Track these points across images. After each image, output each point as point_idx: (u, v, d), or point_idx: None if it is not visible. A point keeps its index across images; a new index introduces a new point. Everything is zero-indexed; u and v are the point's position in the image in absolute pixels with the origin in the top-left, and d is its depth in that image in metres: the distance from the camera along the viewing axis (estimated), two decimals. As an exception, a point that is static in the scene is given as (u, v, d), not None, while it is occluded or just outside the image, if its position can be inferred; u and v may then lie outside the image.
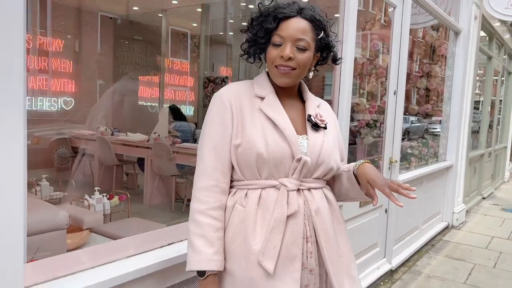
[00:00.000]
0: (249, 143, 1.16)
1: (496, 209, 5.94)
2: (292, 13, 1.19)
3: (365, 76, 3.89)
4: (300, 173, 1.18)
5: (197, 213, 1.17)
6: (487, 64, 6.52)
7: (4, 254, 0.97)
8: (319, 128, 1.25)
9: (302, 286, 1.18)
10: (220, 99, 1.22)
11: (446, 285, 3.25)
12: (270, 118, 1.19)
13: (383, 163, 3.27)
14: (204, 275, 1.15)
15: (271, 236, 1.13)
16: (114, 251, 1.36)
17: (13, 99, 0.96)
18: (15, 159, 0.97)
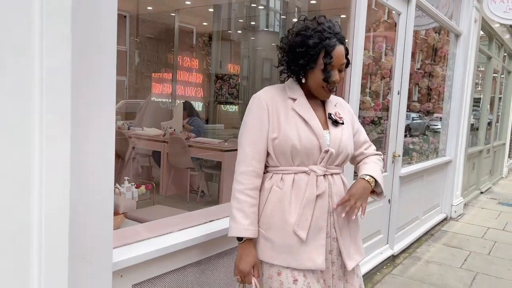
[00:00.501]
0: (285, 137, 1.44)
1: (493, 203, 6.22)
2: (335, 43, 1.43)
3: (370, 76, 4.16)
4: (326, 161, 1.48)
5: (237, 192, 1.46)
6: (487, 63, 6.77)
7: (102, 223, 1.26)
8: (338, 124, 1.54)
9: (327, 251, 1.48)
10: (258, 101, 1.49)
11: (443, 269, 3.55)
12: (302, 117, 1.47)
13: (387, 158, 3.56)
14: (241, 240, 1.45)
15: (304, 211, 1.43)
16: (169, 225, 1.66)
17: (108, 97, 1.24)
18: (110, 143, 1.26)
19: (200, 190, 4.90)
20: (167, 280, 1.61)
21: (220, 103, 7.65)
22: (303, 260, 1.44)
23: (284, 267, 1.45)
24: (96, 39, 1.20)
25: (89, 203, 1.22)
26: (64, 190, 1.10)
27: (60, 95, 1.08)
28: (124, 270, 1.41)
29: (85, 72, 1.18)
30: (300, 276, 1.45)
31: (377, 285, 3.16)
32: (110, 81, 1.25)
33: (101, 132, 1.23)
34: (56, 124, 1.07)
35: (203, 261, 1.75)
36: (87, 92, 1.19)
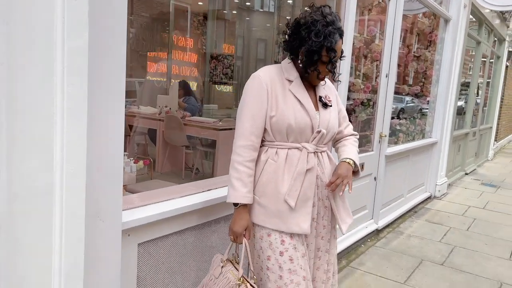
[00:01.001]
0: (282, 116, 1.61)
1: (476, 184, 6.49)
2: (337, 38, 1.57)
3: (361, 58, 4.30)
4: (318, 141, 1.67)
5: (237, 163, 1.62)
6: (476, 48, 6.93)
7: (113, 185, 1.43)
8: (327, 106, 1.71)
9: (313, 216, 1.70)
10: (258, 81, 1.63)
11: (423, 242, 3.79)
12: (298, 99, 1.64)
13: (374, 137, 3.74)
14: (237, 205, 1.63)
15: (294, 183, 1.62)
16: (171, 193, 1.83)
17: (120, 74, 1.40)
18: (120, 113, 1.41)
19: (195, 167, 5.06)
20: (169, 241, 1.80)
21: (215, 83, 7.75)
22: (291, 225, 1.63)
23: (274, 230, 1.64)
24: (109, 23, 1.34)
25: (102, 167, 1.38)
26: (82, 155, 1.27)
27: (78, 73, 1.23)
28: (131, 229, 1.59)
29: (100, 52, 1.33)
30: (287, 238, 1.64)
31: (361, 256, 3.39)
32: (121, 60, 1.40)
33: (114, 103, 1.38)
34: (75, 96, 1.22)
35: (202, 225, 1.94)
36: (101, 71, 1.34)
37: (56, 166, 1.23)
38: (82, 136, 1.26)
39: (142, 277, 1.71)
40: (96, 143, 1.35)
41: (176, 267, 1.87)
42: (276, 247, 1.64)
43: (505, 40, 8.61)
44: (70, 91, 1.22)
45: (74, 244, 1.29)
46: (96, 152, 1.35)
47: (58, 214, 1.26)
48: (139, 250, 1.66)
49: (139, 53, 7.97)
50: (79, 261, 1.32)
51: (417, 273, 3.15)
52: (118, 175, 1.45)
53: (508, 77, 10.25)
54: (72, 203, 1.27)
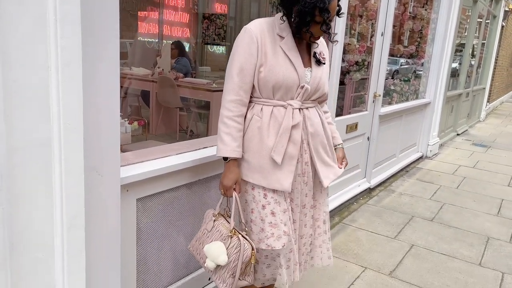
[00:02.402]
0: (270, 71, 1.60)
1: (467, 144, 6.58)
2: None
3: (357, 17, 4.23)
4: (302, 96, 1.66)
5: (226, 118, 1.63)
6: (472, 7, 6.83)
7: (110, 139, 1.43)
8: (320, 63, 1.70)
9: (296, 175, 1.72)
10: (249, 33, 1.60)
11: (414, 200, 3.89)
12: (287, 55, 1.62)
13: (368, 97, 3.75)
14: (227, 159, 1.65)
15: (280, 139, 1.63)
16: (168, 150, 1.85)
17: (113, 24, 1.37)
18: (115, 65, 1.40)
19: (189, 129, 5.07)
20: (165, 197, 1.83)
21: (207, 43, 7.61)
22: (272, 181, 1.66)
23: (256, 185, 1.68)
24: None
25: (99, 122, 1.38)
26: (78, 109, 1.26)
27: (71, 23, 1.21)
28: (129, 185, 1.61)
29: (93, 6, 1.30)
30: (269, 192, 1.68)
31: (353, 213, 3.48)
32: (114, 15, 1.37)
33: (108, 55, 1.37)
34: (69, 48, 1.21)
35: (196, 182, 1.97)
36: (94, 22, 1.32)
37: (53, 120, 1.23)
38: (78, 89, 1.26)
39: (141, 229, 1.76)
40: (93, 97, 1.34)
41: (173, 221, 1.91)
42: (259, 200, 1.69)
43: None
44: (64, 44, 1.20)
45: (74, 196, 1.31)
46: (93, 106, 1.35)
47: (57, 167, 1.27)
48: (138, 205, 1.70)
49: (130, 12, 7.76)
50: (80, 212, 1.34)
51: (407, 228, 3.25)
52: (115, 130, 1.45)
53: (503, 37, 10.17)
54: (70, 157, 1.28)
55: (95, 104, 1.36)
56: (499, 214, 3.69)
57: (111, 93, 1.41)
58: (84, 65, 1.27)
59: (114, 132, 1.45)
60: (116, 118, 1.44)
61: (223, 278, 1.62)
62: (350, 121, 3.44)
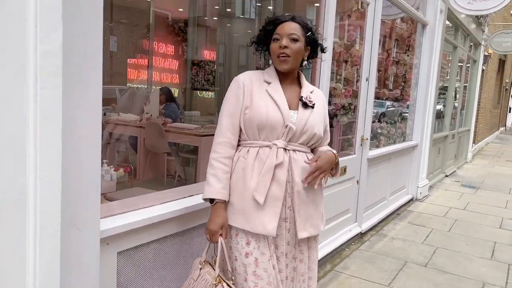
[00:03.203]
0: (255, 112, 1.62)
1: (456, 185, 6.59)
2: (285, 19, 1.68)
3: (342, 63, 4.34)
4: (286, 135, 1.64)
5: (213, 159, 1.63)
6: (453, 53, 7.08)
7: (90, 193, 1.38)
8: (307, 106, 1.70)
9: (281, 219, 1.65)
10: (236, 81, 1.69)
11: (406, 244, 3.81)
12: (273, 98, 1.64)
13: (356, 141, 3.76)
14: (213, 202, 1.61)
15: (263, 178, 1.60)
16: (152, 200, 1.79)
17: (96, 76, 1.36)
18: (97, 118, 1.37)
19: (177, 174, 5.01)
20: (149, 249, 1.75)
21: (196, 89, 7.71)
22: (256, 224, 1.60)
23: (240, 229, 1.63)
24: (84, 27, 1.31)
25: (79, 173, 1.33)
26: (57, 160, 1.22)
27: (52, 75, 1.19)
28: (110, 238, 1.54)
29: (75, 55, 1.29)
30: (253, 239, 1.62)
31: (345, 259, 3.38)
32: (96, 63, 1.36)
33: (91, 106, 1.34)
34: (48, 99, 1.18)
35: (183, 232, 1.90)
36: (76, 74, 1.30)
37: (29, 172, 1.18)
38: (57, 140, 1.22)
39: (122, 285, 1.66)
40: (72, 148, 1.30)
41: (157, 275, 1.82)
42: (242, 248, 1.63)
43: (480, 44, 8.83)
44: (44, 94, 1.17)
45: (49, 254, 1.24)
46: (72, 157, 1.31)
47: (32, 223, 1.21)
48: (118, 259, 1.61)
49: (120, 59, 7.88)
50: (55, 273, 1.27)
51: (401, 275, 3.16)
52: (96, 181, 1.40)
53: (484, 80, 10.50)
54: (47, 211, 1.22)
55: (74, 154, 1.32)
56: (493, 257, 3.63)
57: (92, 142, 1.37)
58: (65, 115, 1.24)
59: (95, 183, 1.40)
60: (97, 169, 1.40)
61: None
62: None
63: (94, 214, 1.40)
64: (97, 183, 1.41)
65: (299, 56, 1.68)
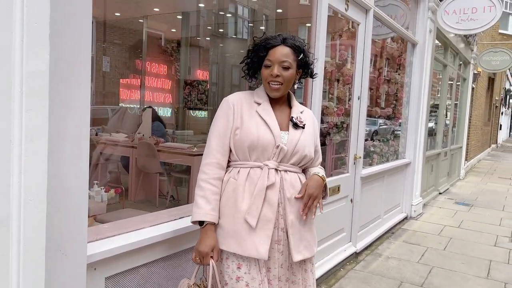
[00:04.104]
0: (246, 133, 1.61)
1: (450, 203, 6.58)
2: (276, 43, 1.65)
3: (334, 82, 4.36)
4: (278, 156, 1.62)
5: (202, 181, 1.60)
6: (443, 71, 7.18)
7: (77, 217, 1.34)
8: (298, 127, 1.68)
9: (273, 241, 1.62)
10: (226, 102, 1.68)
11: (402, 264, 3.76)
12: (263, 118, 1.63)
13: (349, 159, 3.75)
14: (203, 224, 1.57)
15: (255, 200, 1.57)
16: (141, 222, 1.75)
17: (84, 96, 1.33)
18: (85, 140, 1.34)
19: (170, 195, 4.95)
20: (139, 273, 1.70)
21: (189, 109, 7.71)
22: (247, 248, 1.56)
23: (231, 253, 1.59)
24: (72, 45, 1.29)
25: (65, 197, 1.30)
26: (42, 183, 1.19)
27: (38, 96, 1.16)
28: (97, 263, 1.49)
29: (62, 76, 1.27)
30: (244, 263, 1.58)
31: (340, 280, 3.32)
32: (84, 82, 1.34)
33: (77, 130, 1.31)
34: (34, 121, 1.15)
35: (174, 255, 1.85)
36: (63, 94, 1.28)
37: (13, 196, 1.14)
38: (43, 162, 1.19)
39: (110, 313, 1.61)
40: (59, 170, 1.27)
41: (148, 300, 1.77)
42: (233, 272, 1.58)
43: (470, 63, 8.97)
44: (29, 116, 1.15)
45: (33, 280, 1.19)
46: (58, 179, 1.27)
47: (15, 249, 1.16)
48: (106, 285, 1.56)
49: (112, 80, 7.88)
50: (39, 300, 1.22)
51: (397, 295, 3.11)
52: (83, 204, 1.36)
53: (475, 98, 10.63)
54: (31, 236, 1.18)
55: (61, 176, 1.28)
56: (489, 276, 3.59)
57: (79, 164, 1.34)
58: (51, 137, 1.21)
59: (82, 207, 1.36)
60: (85, 191, 1.36)
61: None
62: (333, 183, 3.40)
63: (80, 238, 1.36)
64: (84, 207, 1.37)
65: (290, 83, 1.68)
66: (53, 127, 1.22)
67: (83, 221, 1.37)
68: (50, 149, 1.21)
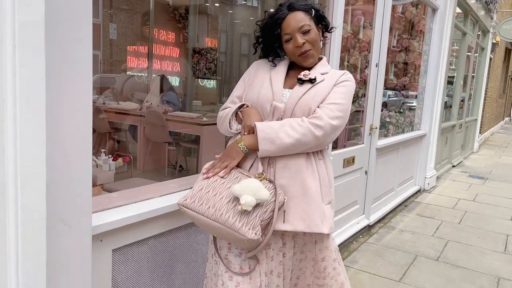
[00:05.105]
0: (249, 91, 1.57)
1: (464, 176, 6.44)
2: (284, 13, 1.51)
3: (349, 49, 4.16)
4: (273, 115, 1.47)
5: (220, 110, 1.62)
6: (462, 40, 6.88)
7: (80, 186, 1.24)
8: (303, 82, 1.50)
9: None
10: (251, 65, 1.65)
11: (416, 237, 3.68)
12: (270, 77, 1.54)
13: (364, 130, 3.61)
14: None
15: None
16: (149, 192, 1.65)
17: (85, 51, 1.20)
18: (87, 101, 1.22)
19: (178, 165, 4.87)
20: (148, 245, 1.61)
21: (198, 77, 7.54)
22: None
23: None
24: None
25: (67, 162, 1.19)
26: (40, 148, 1.08)
27: (33, 51, 1.03)
28: (103, 234, 1.40)
29: (59, 29, 1.13)
30: None
31: (354, 253, 3.25)
32: (86, 40, 1.20)
33: (79, 89, 1.19)
34: (29, 79, 1.03)
35: (185, 226, 1.75)
36: (62, 50, 1.15)
37: (8, 162, 1.03)
38: (40, 125, 1.07)
39: (119, 285, 1.53)
40: (59, 135, 1.16)
41: (159, 273, 1.68)
42: None
43: (489, 31, 8.61)
44: (24, 73, 1.02)
45: (34, 253, 1.10)
46: (58, 145, 1.16)
47: (12, 219, 1.06)
48: (114, 257, 1.47)
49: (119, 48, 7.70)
50: (40, 273, 1.13)
51: (412, 270, 3.03)
52: (87, 172, 1.26)
53: (491, 69, 10.29)
54: (30, 206, 1.08)
55: (61, 142, 1.17)
56: (506, 251, 3.49)
57: (81, 129, 1.22)
58: (49, 97, 1.09)
59: (85, 175, 1.26)
60: (88, 159, 1.25)
61: (253, 224, 1.32)
62: (347, 154, 3.28)
63: (85, 208, 1.26)
64: (88, 175, 1.26)
65: (318, 42, 1.55)
66: (51, 86, 1.10)
67: (88, 189, 1.27)
68: (49, 110, 1.10)
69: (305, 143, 1.42)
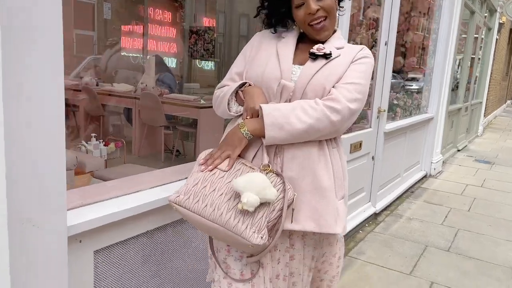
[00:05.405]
0: (252, 67, 1.32)
1: (470, 160, 6.26)
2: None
3: (355, 27, 3.92)
4: (281, 96, 1.24)
5: (216, 88, 1.41)
6: (470, 19, 6.61)
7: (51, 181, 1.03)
8: (317, 57, 1.27)
9: None
10: (254, 36, 1.40)
11: (425, 225, 3.50)
12: (277, 51, 1.30)
13: (372, 113, 3.39)
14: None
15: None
16: (138, 183, 1.44)
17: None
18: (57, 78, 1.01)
19: (175, 149, 4.67)
20: (136, 244, 1.42)
21: (195, 58, 7.28)
22: None
23: None
24: None
25: (32, 155, 0.98)
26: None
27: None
28: (83, 234, 1.20)
29: None
30: None
31: (360, 243, 3.08)
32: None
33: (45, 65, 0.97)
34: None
35: (178, 222, 1.56)
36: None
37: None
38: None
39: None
40: (20, 118, 0.94)
41: (149, 274, 1.49)
42: None
43: (496, 11, 8.32)
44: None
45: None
46: (21, 131, 0.95)
47: (-38, 222, 0.86)
48: (96, 259, 1.28)
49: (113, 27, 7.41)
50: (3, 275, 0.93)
51: (422, 261, 2.86)
52: (60, 164, 1.05)
53: (497, 50, 10.01)
54: (-16, 205, 0.88)
55: (25, 128, 0.96)
56: (520, 240, 3.33)
57: (50, 110, 1.01)
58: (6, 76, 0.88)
59: (58, 167, 1.05)
60: (59, 149, 1.04)
61: (259, 226, 1.12)
62: (354, 139, 3.08)
63: (55, 206, 1.06)
64: (61, 166, 1.06)
65: (334, 11, 1.29)
66: (7, 66, 0.88)
67: (61, 183, 1.06)
68: (6, 89, 0.88)
69: (319, 129, 1.20)
